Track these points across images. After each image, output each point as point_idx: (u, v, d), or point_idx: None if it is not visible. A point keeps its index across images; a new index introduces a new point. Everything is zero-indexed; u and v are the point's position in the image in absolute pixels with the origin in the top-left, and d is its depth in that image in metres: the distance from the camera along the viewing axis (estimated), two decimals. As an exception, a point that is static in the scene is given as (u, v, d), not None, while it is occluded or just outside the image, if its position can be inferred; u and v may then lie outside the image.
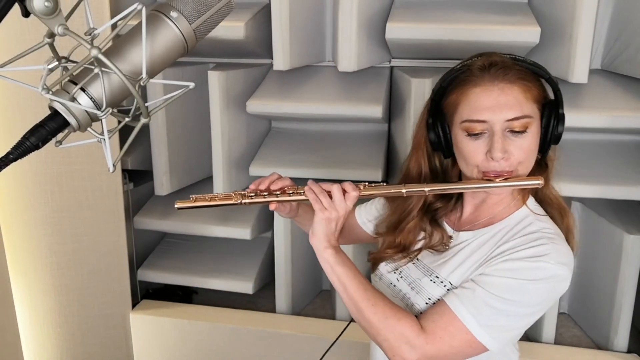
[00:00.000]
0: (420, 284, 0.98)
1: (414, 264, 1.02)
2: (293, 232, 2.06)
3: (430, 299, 0.94)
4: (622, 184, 1.74)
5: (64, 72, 0.64)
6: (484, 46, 1.62)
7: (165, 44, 0.65)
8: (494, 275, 0.88)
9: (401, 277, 1.03)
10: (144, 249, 2.38)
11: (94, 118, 0.63)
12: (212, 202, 0.99)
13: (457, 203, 1.05)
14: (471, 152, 0.90)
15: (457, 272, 0.94)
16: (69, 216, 1.94)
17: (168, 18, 0.64)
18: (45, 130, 0.60)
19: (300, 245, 2.11)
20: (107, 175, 1.92)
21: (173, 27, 0.65)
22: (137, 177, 2.26)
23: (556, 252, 0.87)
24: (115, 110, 0.66)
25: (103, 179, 1.93)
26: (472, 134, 0.89)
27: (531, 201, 0.97)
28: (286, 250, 2.08)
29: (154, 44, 0.64)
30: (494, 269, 0.88)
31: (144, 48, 0.61)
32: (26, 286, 1.98)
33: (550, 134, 0.91)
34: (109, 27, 0.65)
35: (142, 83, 0.64)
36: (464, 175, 0.98)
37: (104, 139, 0.65)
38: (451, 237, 1.01)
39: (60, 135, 0.64)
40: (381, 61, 2.01)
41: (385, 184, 0.97)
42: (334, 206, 0.93)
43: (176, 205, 1.00)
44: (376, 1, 1.85)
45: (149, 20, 0.64)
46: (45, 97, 0.60)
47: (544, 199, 0.98)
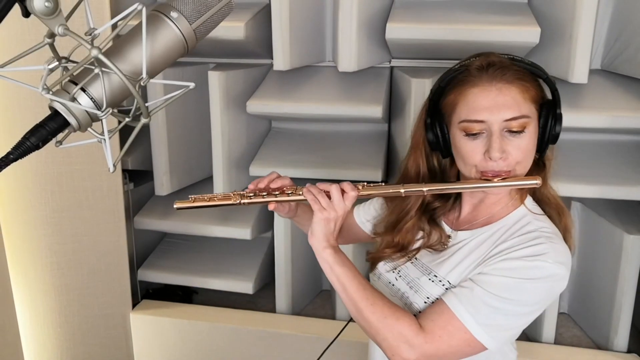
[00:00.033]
0: (418, 283, 0.98)
1: (413, 263, 1.02)
2: (293, 232, 2.06)
3: (429, 298, 0.94)
4: (622, 184, 1.74)
5: (64, 72, 0.64)
6: (484, 46, 1.62)
7: (166, 44, 0.65)
8: (492, 274, 0.88)
9: (400, 276, 1.03)
10: (144, 249, 2.38)
11: (94, 118, 0.63)
12: (211, 202, 0.99)
13: (455, 202, 1.05)
14: (469, 152, 0.90)
15: (455, 271, 0.94)
16: (69, 216, 1.94)
17: (168, 18, 0.65)
18: (45, 131, 0.61)
19: (300, 245, 2.11)
20: (107, 175, 1.93)
21: (173, 27, 0.65)
22: (137, 177, 2.26)
23: (554, 251, 0.87)
24: (115, 111, 0.66)
25: (103, 179, 1.93)
26: (470, 134, 0.89)
27: (529, 201, 0.97)
28: (286, 250, 2.08)
29: (154, 44, 0.64)
30: (492, 268, 0.89)
31: (144, 48, 0.61)
32: (26, 286, 1.98)
33: (548, 134, 0.92)
34: (109, 27, 0.65)
35: (142, 83, 0.64)
36: (462, 175, 0.98)
37: (104, 139, 0.65)
38: (449, 236, 1.01)
39: (60, 136, 0.64)
40: (381, 61, 2.01)
41: (384, 184, 0.97)
42: (332, 206, 0.93)
43: (175, 206, 1.00)
44: (376, 1, 1.85)
45: (149, 21, 0.64)
46: (46, 97, 0.60)
47: (541, 198, 0.98)
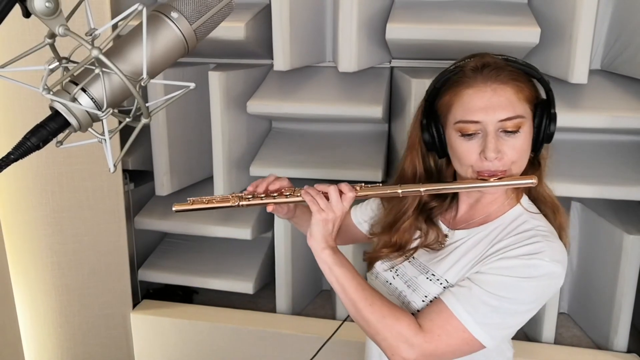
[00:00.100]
0: (416, 281, 0.98)
1: (410, 262, 1.03)
2: (293, 232, 2.06)
3: (426, 297, 0.95)
4: (622, 184, 1.74)
5: (65, 73, 0.64)
6: (484, 47, 1.61)
7: (166, 44, 0.65)
8: (489, 273, 0.88)
9: (397, 275, 1.03)
10: (144, 249, 2.38)
11: (94, 118, 0.64)
12: (210, 205, 1.00)
13: (452, 202, 1.05)
14: (465, 153, 0.91)
15: (453, 270, 0.95)
16: (70, 216, 1.94)
17: (169, 19, 0.65)
18: (46, 131, 0.61)
19: (300, 245, 2.11)
20: (107, 176, 1.93)
21: (174, 28, 0.65)
22: (137, 177, 2.26)
23: (550, 249, 0.87)
24: (116, 111, 0.66)
25: (104, 179, 1.93)
26: (465, 134, 0.90)
27: (525, 199, 0.98)
28: (286, 250, 2.09)
29: (154, 44, 0.64)
30: (489, 267, 0.89)
31: (144, 48, 0.62)
32: (27, 286, 1.98)
33: (543, 133, 0.92)
34: (109, 27, 0.65)
35: (142, 83, 0.64)
36: (458, 175, 0.98)
37: (105, 139, 0.65)
38: (446, 235, 1.02)
39: (61, 136, 0.64)
40: (381, 61, 2.01)
41: (381, 184, 0.98)
42: (331, 207, 0.93)
43: (174, 208, 1.00)
44: (376, 2, 1.85)
45: (150, 21, 0.64)
46: (46, 97, 0.60)
47: (537, 197, 0.99)
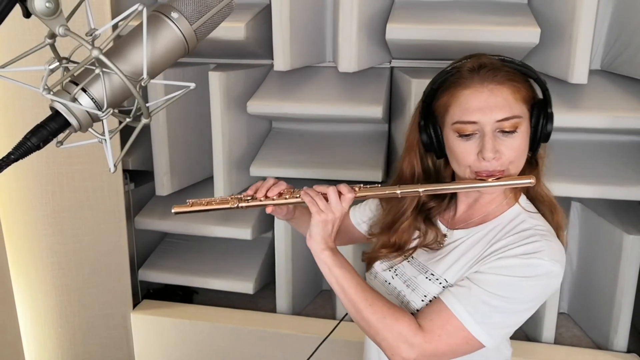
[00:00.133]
0: (415, 281, 0.98)
1: (409, 262, 1.03)
2: (293, 232, 2.06)
3: (426, 296, 0.95)
4: (622, 184, 1.74)
5: (65, 73, 0.64)
6: (484, 47, 1.62)
7: (166, 44, 0.65)
8: (488, 273, 0.89)
9: (396, 274, 1.03)
10: (144, 249, 2.38)
11: (94, 118, 0.64)
12: (209, 207, 1.00)
13: (450, 202, 1.06)
14: (463, 153, 0.91)
15: (452, 269, 0.95)
16: (70, 216, 1.94)
17: (169, 19, 0.65)
18: (46, 131, 0.61)
19: (300, 245, 2.11)
20: (108, 176, 1.93)
21: (174, 28, 0.65)
22: (138, 177, 2.27)
23: (549, 248, 0.88)
24: (116, 111, 0.67)
25: (104, 179, 1.94)
26: (463, 135, 0.90)
27: (523, 199, 0.98)
28: (287, 250, 2.09)
29: (154, 44, 0.64)
30: (488, 266, 0.89)
31: (144, 49, 0.62)
32: (27, 286, 1.98)
33: (540, 133, 0.93)
34: (110, 27, 0.65)
35: (143, 83, 0.64)
36: (457, 175, 0.99)
37: (105, 140, 0.65)
38: (445, 235, 1.02)
39: (61, 136, 0.65)
40: (381, 62, 2.01)
41: (379, 185, 0.98)
42: (330, 208, 0.94)
43: (173, 211, 1.01)
44: (376, 2, 1.85)
45: (150, 21, 0.64)
46: (47, 97, 0.60)
47: (535, 196, 0.99)
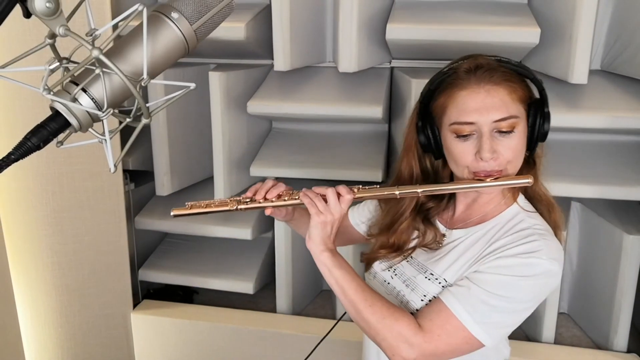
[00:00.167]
0: (415, 281, 0.99)
1: (408, 262, 1.03)
2: (293, 233, 2.06)
3: (425, 296, 0.95)
4: (622, 184, 1.74)
5: (65, 73, 0.64)
6: (483, 47, 1.62)
7: (166, 44, 0.65)
8: (487, 272, 0.89)
9: (395, 274, 1.04)
10: (145, 249, 2.38)
11: (95, 118, 0.64)
12: (208, 209, 1.01)
13: (449, 202, 1.06)
14: (461, 154, 0.92)
15: (451, 269, 0.95)
16: (70, 216, 1.94)
17: (169, 19, 0.65)
18: (46, 131, 0.61)
19: (300, 245, 2.11)
20: (108, 176, 1.93)
21: (174, 28, 0.65)
22: (138, 177, 2.27)
23: (548, 248, 0.88)
24: (116, 111, 0.67)
25: (104, 179, 1.94)
26: (460, 135, 0.91)
27: (521, 198, 0.99)
28: (287, 250, 2.09)
29: (155, 44, 0.64)
30: (487, 266, 0.90)
31: (145, 49, 0.62)
32: (27, 286, 1.99)
33: (537, 132, 0.93)
34: (110, 27, 0.65)
35: (143, 84, 0.64)
36: (455, 176, 0.99)
37: (105, 140, 0.65)
38: (444, 235, 1.02)
39: (61, 136, 0.65)
40: (381, 62, 2.01)
41: (378, 186, 0.98)
42: (329, 210, 0.94)
43: (172, 213, 1.01)
44: (376, 2, 1.85)
45: (150, 21, 0.64)
46: (47, 97, 0.60)
47: (533, 195, 1.00)
